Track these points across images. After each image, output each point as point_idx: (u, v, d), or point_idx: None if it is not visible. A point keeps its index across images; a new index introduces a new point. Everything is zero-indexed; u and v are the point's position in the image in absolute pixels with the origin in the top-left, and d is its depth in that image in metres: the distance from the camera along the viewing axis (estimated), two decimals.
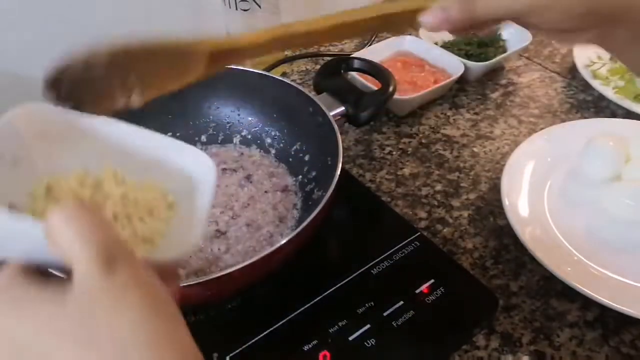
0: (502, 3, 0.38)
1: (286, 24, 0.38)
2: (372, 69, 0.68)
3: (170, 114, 0.67)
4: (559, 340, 0.51)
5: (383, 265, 0.55)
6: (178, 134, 0.67)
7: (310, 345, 0.48)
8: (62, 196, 0.29)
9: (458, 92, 0.82)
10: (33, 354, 0.24)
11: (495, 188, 0.65)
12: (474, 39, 0.85)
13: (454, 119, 0.77)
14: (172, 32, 0.33)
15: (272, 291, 0.53)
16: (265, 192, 0.63)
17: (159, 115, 0.30)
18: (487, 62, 0.81)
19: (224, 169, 0.66)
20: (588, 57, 0.82)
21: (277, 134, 0.68)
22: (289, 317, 0.51)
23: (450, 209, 0.64)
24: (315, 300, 0.52)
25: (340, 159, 0.54)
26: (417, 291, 0.52)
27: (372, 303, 0.51)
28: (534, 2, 0.37)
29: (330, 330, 0.49)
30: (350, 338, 0.49)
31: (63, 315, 0.24)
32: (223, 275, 0.43)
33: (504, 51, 0.84)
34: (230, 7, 0.78)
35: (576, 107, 0.78)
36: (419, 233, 0.58)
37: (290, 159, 0.66)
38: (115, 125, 0.32)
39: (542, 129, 0.71)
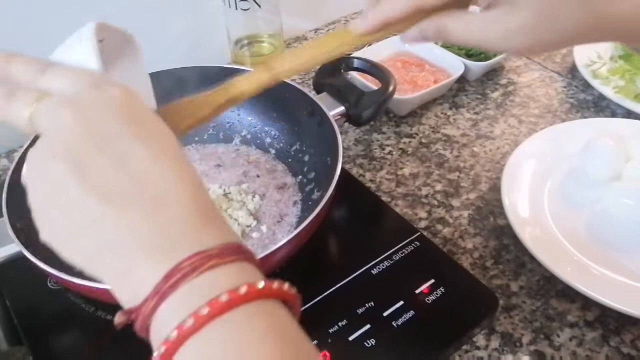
0: (474, 37, 0.41)
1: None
2: (372, 68, 0.68)
3: None
4: (559, 340, 0.51)
5: (383, 265, 0.55)
6: None
7: None
8: None
9: (458, 91, 0.82)
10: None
11: (495, 188, 0.65)
12: None
13: (454, 119, 0.77)
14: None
15: None
16: (265, 192, 0.63)
17: None
18: (487, 62, 0.81)
19: (221, 166, 0.66)
20: (588, 56, 0.81)
21: (277, 133, 0.68)
22: None
23: (450, 209, 0.64)
24: (315, 300, 0.52)
25: (340, 159, 0.54)
26: (417, 291, 0.52)
27: (372, 303, 0.51)
28: (508, 43, 0.40)
29: (330, 330, 0.49)
30: (350, 338, 0.49)
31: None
32: None
33: None
34: (230, 7, 0.78)
35: (576, 107, 0.78)
36: (419, 233, 0.58)
37: (290, 159, 0.66)
38: None
39: (542, 129, 0.71)
